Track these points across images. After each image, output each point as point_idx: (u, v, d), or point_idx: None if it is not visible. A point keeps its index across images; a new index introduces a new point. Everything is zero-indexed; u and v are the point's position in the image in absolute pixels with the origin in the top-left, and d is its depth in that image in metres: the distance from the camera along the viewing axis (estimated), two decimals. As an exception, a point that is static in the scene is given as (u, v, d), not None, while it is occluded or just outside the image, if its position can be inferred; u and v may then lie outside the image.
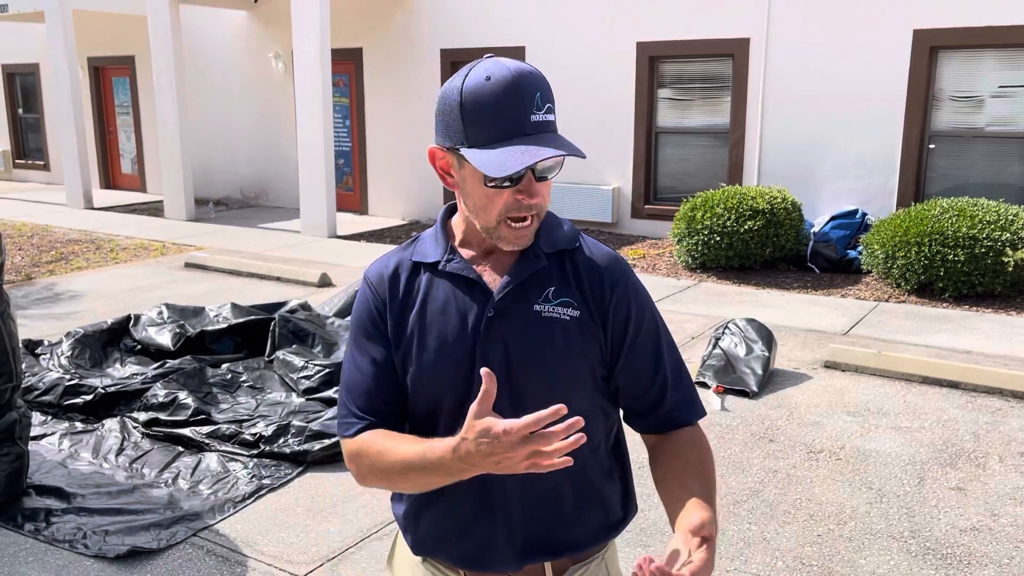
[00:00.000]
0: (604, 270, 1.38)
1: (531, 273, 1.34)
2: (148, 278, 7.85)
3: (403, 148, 11.13)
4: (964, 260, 6.48)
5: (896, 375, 4.97)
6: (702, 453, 1.38)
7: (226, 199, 13.05)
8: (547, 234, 1.38)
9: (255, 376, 4.76)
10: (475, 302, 1.33)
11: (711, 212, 7.59)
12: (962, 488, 3.65)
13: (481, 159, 1.22)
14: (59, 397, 4.47)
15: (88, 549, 3.16)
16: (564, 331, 1.33)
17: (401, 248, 1.42)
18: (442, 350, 1.33)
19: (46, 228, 10.57)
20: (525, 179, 1.26)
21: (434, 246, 1.39)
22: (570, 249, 1.39)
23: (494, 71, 1.23)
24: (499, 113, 1.22)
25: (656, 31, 9.15)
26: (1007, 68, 7.64)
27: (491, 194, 1.27)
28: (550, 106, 1.26)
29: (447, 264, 1.36)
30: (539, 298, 1.34)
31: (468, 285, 1.35)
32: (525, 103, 1.23)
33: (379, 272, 1.41)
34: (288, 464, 3.89)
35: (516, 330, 1.32)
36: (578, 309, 1.35)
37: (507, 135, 1.23)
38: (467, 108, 1.23)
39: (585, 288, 1.36)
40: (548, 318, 1.33)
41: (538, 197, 1.28)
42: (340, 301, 6.06)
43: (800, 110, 8.54)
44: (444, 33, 10.46)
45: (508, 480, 1.33)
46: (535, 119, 1.24)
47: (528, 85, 1.23)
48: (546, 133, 1.25)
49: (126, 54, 13.70)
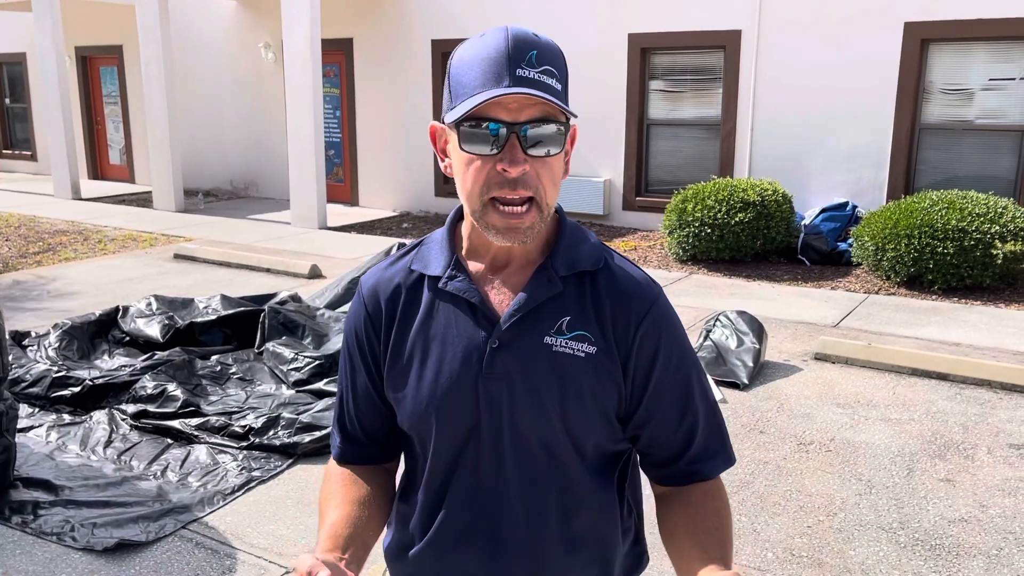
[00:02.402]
0: (631, 299, 1.18)
1: (544, 300, 1.16)
2: (137, 269, 7.80)
3: (394, 139, 11.09)
4: (953, 252, 6.50)
5: (886, 367, 4.98)
6: (720, 507, 1.19)
7: (216, 190, 12.98)
8: (566, 252, 1.18)
9: (245, 368, 4.74)
10: (479, 329, 1.16)
11: (702, 204, 7.59)
12: (951, 479, 3.66)
13: (450, 115, 1.09)
14: (47, 389, 4.44)
15: (76, 542, 3.14)
16: (577, 370, 1.16)
17: (402, 253, 1.26)
18: (440, 384, 1.17)
19: (33, 219, 10.49)
20: (508, 145, 1.06)
21: (438, 255, 1.22)
22: (592, 271, 1.19)
23: (492, 30, 1.09)
24: (480, 66, 1.07)
25: (648, 23, 9.13)
26: (997, 61, 7.65)
27: (470, 162, 1.09)
28: (550, 69, 1.08)
29: (448, 282, 1.18)
30: (551, 329, 1.16)
31: (471, 309, 1.17)
32: (512, 56, 1.06)
33: (373, 286, 1.24)
34: (278, 456, 3.87)
35: (523, 365, 1.15)
36: (595, 345, 1.16)
37: (485, 86, 1.06)
38: (453, 69, 1.10)
39: (607, 320, 1.17)
40: (560, 353, 1.15)
41: (521, 168, 1.07)
42: (331, 293, 6.04)
43: (791, 103, 8.54)
44: (434, 23, 10.41)
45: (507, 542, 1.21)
46: (521, 73, 1.05)
47: (523, 43, 1.07)
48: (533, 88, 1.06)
49: (114, 43, 13.59)
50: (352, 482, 1.26)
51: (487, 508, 1.20)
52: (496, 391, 1.16)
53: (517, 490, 1.20)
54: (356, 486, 1.25)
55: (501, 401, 1.16)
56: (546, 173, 1.10)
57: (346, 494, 1.23)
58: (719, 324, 5.14)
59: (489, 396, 1.16)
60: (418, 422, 1.20)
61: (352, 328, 1.26)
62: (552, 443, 1.18)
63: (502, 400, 1.16)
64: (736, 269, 7.59)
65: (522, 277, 1.18)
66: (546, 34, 9.67)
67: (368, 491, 1.25)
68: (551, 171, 1.10)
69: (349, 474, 1.28)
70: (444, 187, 10.83)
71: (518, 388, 1.16)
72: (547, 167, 1.10)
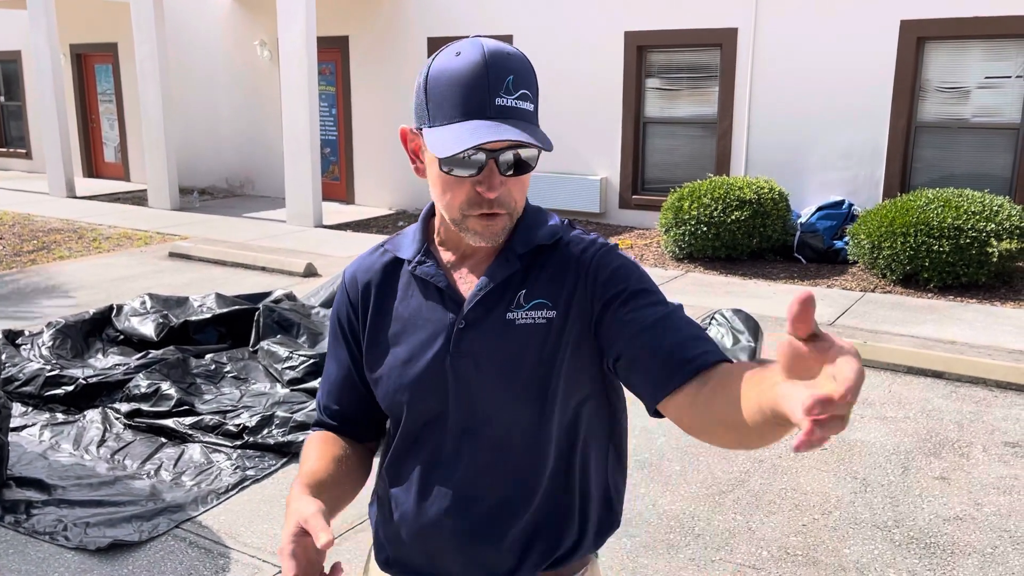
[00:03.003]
0: (582, 253, 1.23)
1: (503, 279, 1.22)
2: (131, 268, 7.78)
3: (389, 137, 11.07)
4: (949, 251, 6.50)
5: (881, 365, 4.98)
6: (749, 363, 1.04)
7: (211, 188, 12.96)
8: (523, 233, 1.24)
9: (239, 367, 4.72)
10: (447, 311, 1.23)
11: (698, 202, 7.58)
12: (946, 478, 3.66)
13: (432, 138, 1.12)
14: (40, 388, 4.42)
15: (69, 541, 3.13)
16: (538, 337, 1.20)
17: (382, 244, 1.34)
18: (413, 364, 1.24)
19: (28, 217, 10.45)
20: (486, 170, 1.13)
21: (410, 242, 1.30)
22: (548, 244, 1.25)
23: (466, 48, 1.12)
24: (461, 92, 1.11)
25: (644, 20, 9.12)
26: (993, 59, 7.65)
27: (450, 182, 1.15)
28: (526, 93, 1.13)
29: (418, 267, 1.26)
30: (511, 304, 1.22)
31: (439, 293, 1.25)
32: (491, 84, 1.10)
33: (353, 273, 1.33)
34: (272, 455, 3.86)
35: (487, 342, 1.21)
36: (554, 309, 1.21)
37: (466, 116, 1.11)
38: (430, 84, 1.13)
39: (565, 281, 1.22)
40: (521, 326, 1.21)
41: (499, 192, 1.14)
42: (325, 291, 6.03)
43: (787, 101, 8.54)
44: (430, 21, 10.39)
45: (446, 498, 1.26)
46: (500, 103, 1.11)
47: (499, 66, 1.11)
48: (511, 120, 1.11)
49: (109, 41, 13.55)
50: (333, 442, 1.33)
51: (457, 482, 1.25)
52: (463, 368, 1.22)
53: (485, 463, 1.24)
54: (336, 446, 1.32)
55: (469, 378, 1.22)
56: (518, 188, 1.18)
57: (327, 451, 1.30)
58: (715, 322, 5.14)
59: (457, 374, 1.22)
60: (392, 401, 1.27)
61: (335, 313, 1.35)
62: (519, 417, 1.22)
63: (470, 377, 1.22)
64: (732, 267, 7.59)
65: (486, 263, 1.26)
66: (542, 32, 9.69)
67: (347, 453, 1.32)
68: (522, 186, 1.19)
69: (331, 436, 1.35)
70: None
71: (484, 364, 1.21)
72: (518, 183, 1.18)
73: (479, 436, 1.24)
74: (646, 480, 3.64)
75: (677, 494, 3.52)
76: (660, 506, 3.42)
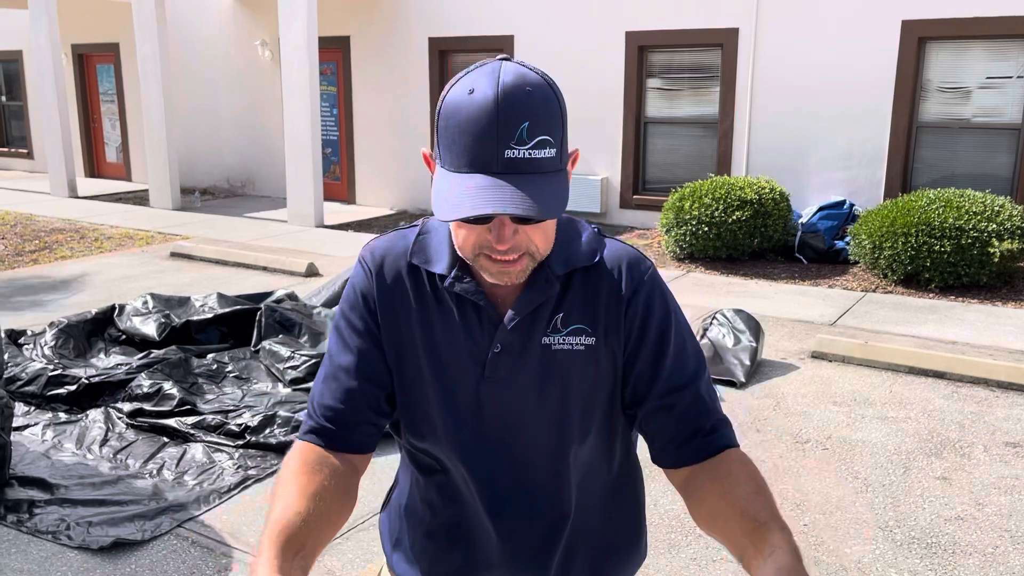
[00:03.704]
0: (620, 279, 1.17)
1: (542, 301, 1.16)
2: (133, 267, 7.79)
3: (391, 137, 11.08)
4: (950, 251, 6.50)
5: (883, 365, 4.99)
6: (754, 472, 1.12)
7: (212, 188, 12.96)
8: (561, 251, 1.17)
9: (241, 366, 4.73)
10: (483, 333, 1.16)
11: (699, 202, 7.59)
12: (947, 478, 3.67)
13: (436, 190, 1.04)
14: (42, 387, 4.43)
15: (71, 540, 3.14)
16: (576, 364, 1.16)
17: (404, 234, 1.24)
18: (444, 384, 1.18)
19: (30, 217, 10.46)
20: (496, 220, 1.04)
21: (441, 251, 1.19)
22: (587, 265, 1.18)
23: (481, 85, 1.00)
24: (469, 141, 1.01)
25: (645, 21, 9.12)
26: (995, 59, 7.65)
27: (461, 225, 1.08)
28: (545, 139, 1.02)
29: (455, 283, 1.16)
30: (548, 327, 1.16)
31: (476, 312, 1.17)
32: (501, 134, 0.99)
33: (382, 256, 1.22)
34: (274, 455, 3.87)
35: (524, 368, 1.16)
36: (593, 335, 1.16)
37: (471, 167, 1.01)
38: (441, 122, 1.04)
39: (601, 306, 1.17)
40: (558, 351, 1.16)
41: (512, 242, 1.05)
42: (327, 291, 6.03)
43: (788, 101, 8.54)
44: (432, 21, 10.40)
45: (495, 536, 1.22)
46: (510, 155, 1.00)
47: (513, 111, 0.99)
48: (518, 175, 1.00)
49: (110, 41, 13.56)
50: (314, 471, 1.14)
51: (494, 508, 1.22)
52: (498, 394, 1.17)
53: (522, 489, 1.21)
54: (318, 474, 1.13)
55: (504, 404, 1.17)
56: (537, 233, 1.07)
57: (304, 485, 1.11)
58: (716, 322, 5.14)
59: (492, 399, 1.17)
60: (424, 415, 1.20)
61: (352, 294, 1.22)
62: (555, 442, 1.19)
63: (505, 403, 1.17)
64: (733, 267, 7.59)
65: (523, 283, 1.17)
66: (543, 32, 9.68)
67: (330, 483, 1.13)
68: (544, 231, 1.08)
69: (311, 461, 1.16)
70: (441, 185, 10.81)
71: (520, 390, 1.17)
72: (539, 228, 1.07)
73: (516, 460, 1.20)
74: (647, 480, 3.65)
75: (678, 494, 3.52)
76: (661, 506, 3.42)
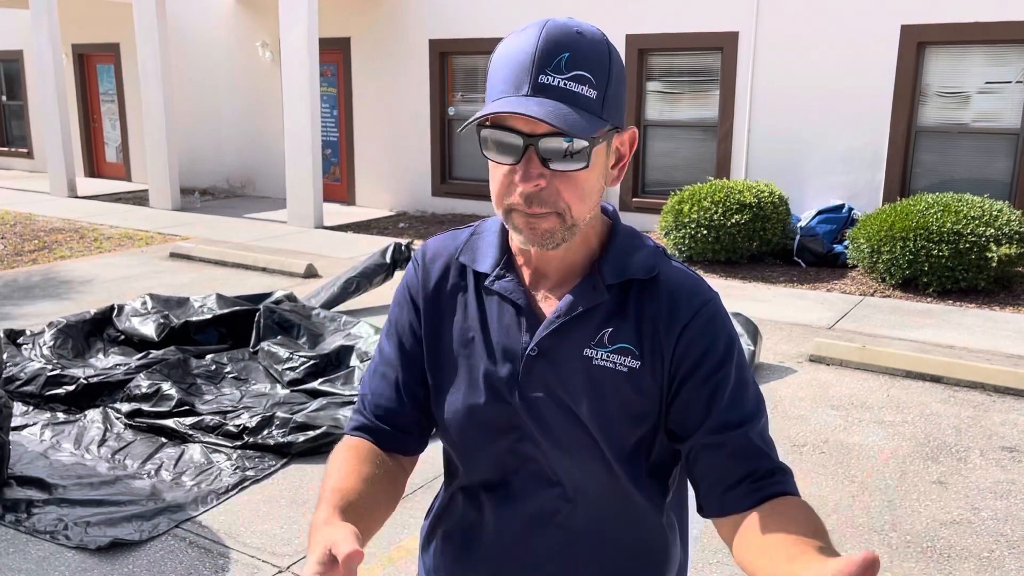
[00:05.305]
0: (677, 304, 1.09)
1: (586, 308, 1.09)
2: (132, 268, 7.79)
3: (391, 139, 11.09)
4: (948, 255, 6.51)
5: (880, 369, 5.00)
6: (811, 514, 1.01)
7: (212, 189, 12.97)
8: (616, 259, 1.10)
9: (239, 367, 4.74)
10: (520, 333, 1.11)
11: (698, 206, 7.60)
12: (944, 482, 3.67)
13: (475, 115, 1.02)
14: (41, 387, 4.44)
15: (69, 540, 3.14)
16: (616, 385, 1.09)
17: (457, 234, 1.20)
18: (479, 386, 1.13)
19: (29, 217, 10.47)
20: (525, 158, 1.00)
21: (488, 250, 1.16)
22: (642, 280, 1.10)
23: (533, 23, 1.01)
24: (508, 68, 1.00)
25: (645, 24, 9.14)
26: (993, 64, 7.67)
27: (494, 170, 1.05)
28: (583, 75, 0.98)
29: (496, 281, 1.13)
30: (592, 340, 1.09)
31: (515, 311, 1.12)
32: (539, 60, 0.98)
33: (433, 254, 1.19)
34: (272, 456, 3.87)
35: (560, 376, 1.10)
36: (639, 359, 1.09)
37: (504, 93, 1.00)
38: (492, 62, 1.04)
39: (653, 331, 1.09)
40: (599, 367, 1.09)
41: (534, 183, 1.00)
42: (326, 292, 6.04)
43: (788, 104, 8.56)
44: (432, 23, 10.41)
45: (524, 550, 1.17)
46: (543, 80, 0.98)
47: (556, 41, 0.98)
48: (548, 97, 0.98)
49: (111, 41, 13.58)
50: (365, 458, 1.14)
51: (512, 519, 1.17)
52: (531, 399, 1.11)
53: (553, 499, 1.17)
54: (369, 463, 1.14)
55: (536, 409, 1.11)
56: (568, 188, 1.02)
57: (358, 468, 1.11)
58: (714, 325, 5.15)
59: (525, 403, 1.11)
60: (453, 423, 1.16)
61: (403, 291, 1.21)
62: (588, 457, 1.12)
63: (537, 408, 1.11)
64: (732, 271, 7.60)
65: (569, 284, 1.12)
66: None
67: (380, 472, 1.13)
68: (576, 186, 1.02)
69: (363, 449, 1.17)
70: (441, 187, 10.83)
71: (553, 399, 1.11)
72: (570, 182, 1.02)
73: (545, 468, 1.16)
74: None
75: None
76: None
